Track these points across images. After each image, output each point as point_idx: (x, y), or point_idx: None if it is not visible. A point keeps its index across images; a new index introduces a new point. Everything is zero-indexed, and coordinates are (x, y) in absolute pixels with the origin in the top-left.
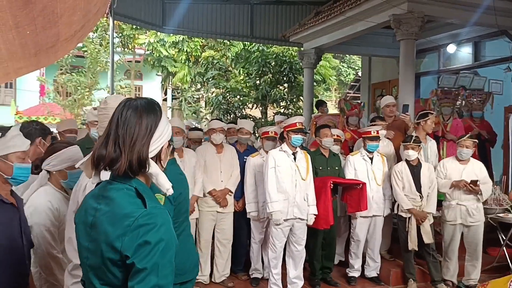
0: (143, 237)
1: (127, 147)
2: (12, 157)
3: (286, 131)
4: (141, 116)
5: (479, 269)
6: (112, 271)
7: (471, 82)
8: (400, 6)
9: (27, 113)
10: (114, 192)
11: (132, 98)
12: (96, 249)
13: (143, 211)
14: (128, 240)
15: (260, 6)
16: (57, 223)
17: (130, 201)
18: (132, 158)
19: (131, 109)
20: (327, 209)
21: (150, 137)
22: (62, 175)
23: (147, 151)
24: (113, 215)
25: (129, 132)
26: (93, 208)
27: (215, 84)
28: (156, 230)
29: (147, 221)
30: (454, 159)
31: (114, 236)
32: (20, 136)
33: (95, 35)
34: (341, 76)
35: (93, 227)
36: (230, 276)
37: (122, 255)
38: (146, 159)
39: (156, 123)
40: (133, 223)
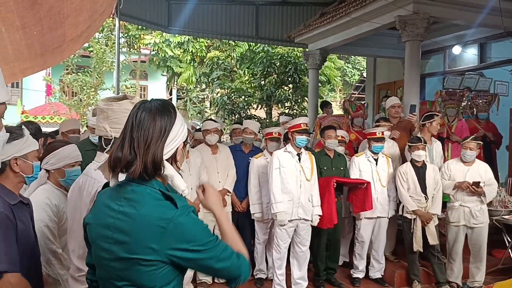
0: (184, 236)
1: (142, 150)
2: (30, 156)
3: (290, 132)
4: (155, 118)
5: (483, 271)
6: (141, 270)
7: (476, 84)
8: (406, 7)
9: (33, 113)
10: (137, 194)
11: (146, 100)
12: (123, 251)
13: (177, 212)
14: (167, 241)
15: (265, 7)
16: (56, 219)
17: (160, 203)
18: (147, 161)
19: (146, 111)
20: (330, 208)
21: (164, 139)
22: (60, 173)
23: (161, 153)
24: (144, 218)
25: (144, 135)
26: (113, 209)
27: (220, 85)
28: (191, 226)
29: (182, 220)
30: (458, 160)
31: (150, 238)
32: (31, 136)
33: (101, 35)
34: (346, 77)
35: (117, 230)
36: None
37: (162, 254)
38: (161, 161)
39: (170, 125)
40: (168, 224)
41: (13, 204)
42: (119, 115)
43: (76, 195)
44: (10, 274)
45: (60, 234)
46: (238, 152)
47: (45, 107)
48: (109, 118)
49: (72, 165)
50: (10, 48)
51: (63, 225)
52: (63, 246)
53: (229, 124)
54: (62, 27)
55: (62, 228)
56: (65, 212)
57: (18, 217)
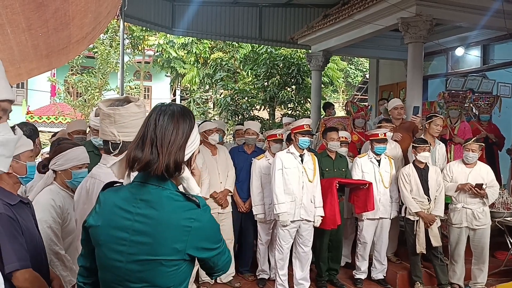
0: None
1: (165, 150)
2: (23, 156)
3: (293, 133)
4: (178, 121)
5: (485, 273)
6: (162, 270)
7: (479, 85)
8: (409, 9)
9: (38, 113)
10: (155, 195)
11: (166, 104)
12: (142, 252)
13: (200, 211)
14: (191, 240)
15: (268, 8)
16: (60, 220)
17: (180, 204)
18: (169, 161)
19: (168, 115)
20: (333, 209)
21: (185, 142)
22: (67, 174)
23: (183, 155)
24: (167, 219)
25: (167, 136)
26: (128, 211)
27: (223, 86)
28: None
29: (204, 219)
30: (460, 162)
31: (174, 238)
32: (24, 136)
33: (105, 37)
34: (348, 78)
35: (138, 232)
36: (236, 276)
37: (185, 253)
38: (182, 162)
39: (190, 129)
40: (193, 223)
41: (13, 204)
42: (126, 119)
43: (84, 197)
44: (24, 270)
45: (64, 235)
46: (241, 153)
47: (50, 108)
48: (117, 122)
49: (80, 167)
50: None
51: (67, 226)
52: (66, 247)
53: (232, 125)
54: (67, 29)
55: (66, 229)
56: (70, 213)
57: (20, 217)
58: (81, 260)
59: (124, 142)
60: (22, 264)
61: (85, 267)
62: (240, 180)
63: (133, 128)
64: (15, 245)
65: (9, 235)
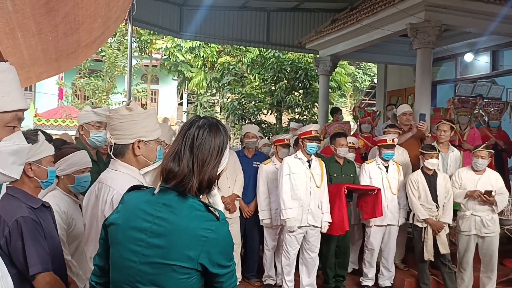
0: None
1: (200, 167)
2: (44, 161)
3: (301, 139)
4: (215, 138)
5: (494, 281)
6: (173, 276)
7: (488, 91)
8: (417, 15)
9: (46, 116)
10: (178, 202)
11: (200, 117)
12: (156, 255)
13: (218, 224)
14: (206, 250)
15: (276, 13)
16: (65, 226)
17: (201, 214)
18: (203, 178)
19: (206, 130)
20: (341, 215)
21: (220, 159)
22: (70, 179)
23: (217, 172)
24: (185, 225)
25: (204, 153)
26: (149, 214)
27: (230, 90)
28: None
29: (222, 232)
30: (469, 169)
31: (189, 245)
32: (46, 141)
33: (113, 40)
34: (356, 83)
35: (155, 234)
36: (242, 282)
37: (198, 263)
38: (216, 180)
39: (224, 145)
40: (210, 234)
41: (36, 208)
42: (115, 121)
43: (93, 202)
44: (45, 274)
45: (69, 241)
46: (242, 157)
47: (57, 111)
48: (109, 125)
49: (82, 171)
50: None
51: (72, 231)
52: (72, 252)
53: (239, 129)
54: (77, 33)
55: (71, 234)
56: (74, 218)
57: (43, 220)
58: (96, 259)
59: (115, 144)
60: (44, 267)
61: (99, 267)
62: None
63: (122, 131)
64: (38, 248)
65: (33, 238)
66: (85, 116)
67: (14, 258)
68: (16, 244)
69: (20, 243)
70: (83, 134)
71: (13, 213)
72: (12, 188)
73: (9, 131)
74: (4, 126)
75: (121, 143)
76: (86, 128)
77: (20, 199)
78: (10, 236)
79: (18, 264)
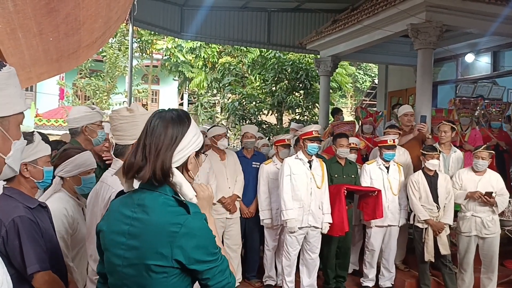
0: (193, 242)
1: (152, 156)
2: (40, 161)
3: (302, 139)
4: (168, 126)
5: (495, 282)
6: (152, 277)
7: (489, 92)
8: (418, 16)
9: (47, 116)
10: (151, 200)
11: (164, 109)
12: (135, 257)
13: (188, 217)
14: (178, 246)
15: (277, 13)
16: (70, 230)
17: (172, 209)
18: (156, 167)
19: (160, 119)
20: (341, 216)
21: (174, 147)
22: (76, 180)
23: (170, 161)
24: (156, 223)
25: (155, 142)
26: (127, 216)
27: (231, 90)
28: (201, 234)
29: (193, 226)
30: (470, 170)
31: (161, 243)
32: (42, 141)
33: (114, 40)
34: (357, 83)
35: (131, 236)
36: (243, 282)
37: (172, 260)
38: (169, 168)
39: (182, 134)
40: (180, 229)
41: (33, 207)
42: (116, 122)
43: (93, 201)
44: (43, 273)
45: (73, 245)
46: (241, 158)
47: (58, 111)
48: (111, 125)
49: (88, 172)
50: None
51: (77, 235)
52: (73, 256)
53: (239, 130)
54: (78, 34)
55: (76, 239)
56: (79, 223)
57: (40, 220)
58: (98, 267)
59: (117, 144)
60: (42, 266)
61: (101, 274)
62: None
63: (122, 132)
64: (36, 247)
65: (30, 237)
66: (89, 116)
67: (11, 258)
68: (14, 244)
69: (18, 243)
70: (88, 135)
71: (10, 213)
72: (9, 189)
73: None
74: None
75: (122, 144)
76: (92, 128)
77: (17, 199)
78: (7, 236)
79: (16, 264)
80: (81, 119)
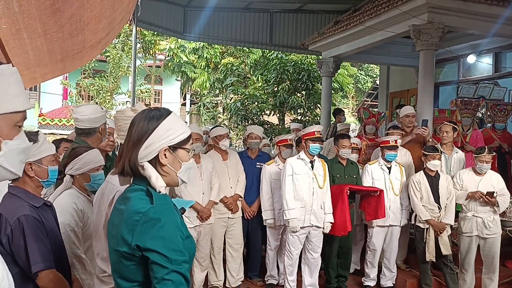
0: (150, 231)
1: (125, 151)
2: (45, 160)
3: (304, 140)
4: (139, 123)
5: (496, 282)
6: (124, 263)
7: (491, 93)
8: (420, 17)
9: (50, 116)
10: (130, 193)
11: (149, 108)
12: (114, 244)
13: (150, 207)
14: (137, 234)
15: (279, 14)
16: (81, 224)
17: (141, 199)
18: (125, 162)
19: (136, 118)
20: (344, 215)
21: (142, 143)
22: (85, 177)
23: (135, 155)
24: (126, 212)
25: (128, 138)
26: (118, 209)
27: (233, 91)
28: (161, 225)
29: (153, 215)
30: (471, 170)
31: (126, 230)
32: (47, 141)
33: (117, 41)
34: (358, 84)
35: (114, 226)
36: (245, 281)
37: (132, 247)
38: (135, 163)
39: (151, 129)
40: (141, 218)
41: (38, 206)
42: (121, 123)
43: (99, 199)
44: (48, 271)
45: (84, 238)
46: (245, 158)
47: (62, 110)
48: (116, 126)
49: (97, 169)
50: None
51: (87, 230)
52: (85, 250)
53: (242, 130)
54: (82, 34)
55: (86, 233)
56: (89, 217)
57: (45, 219)
58: None
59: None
60: (47, 265)
61: None
62: (246, 185)
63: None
64: (40, 246)
65: (35, 236)
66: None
67: (16, 256)
68: (19, 243)
69: (22, 242)
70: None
71: (15, 211)
72: (14, 187)
73: (17, 131)
74: (14, 126)
75: None
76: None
77: (22, 198)
78: (13, 235)
79: (20, 263)
80: (100, 118)
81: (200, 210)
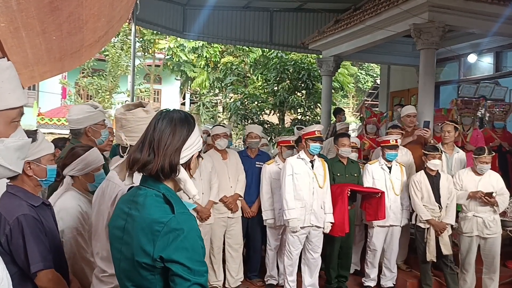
0: (174, 243)
1: (161, 152)
2: (44, 159)
3: (304, 139)
4: (176, 126)
5: (497, 282)
6: (141, 273)
7: (491, 92)
8: (421, 16)
9: (49, 115)
10: (143, 198)
11: (169, 109)
12: (128, 252)
13: (172, 217)
14: (159, 245)
15: (279, 13)
16: (86, 226)
17: (159, 207)
18: (164, 162)
19: (167, 119)
20: (342, 216)
21: (181, 145)
22: (89, 178)
23: (178, 157)
24: (143, 220)
25: (164, 139)
26: (124, 212)
27: (233, 90)
28: (185, 236)
29: (176, 226)
30: (470, 170)
31: (145, 240)
32: (46, 140)
33: (116, 40)
34: (359, 83)
35: (126, 232)
36: (245, 282)
37: (154, 258)
38: (177, 164)
39: (188, 134)
40: (163, 228)
41: (36, 206)
42: (132, 124)
43: (100, 198)
44: (47, 271)
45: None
46: (244, 157)
47: (60, 110)
48: (124, 127)
49: (98, 169)
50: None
51: (90, 231)
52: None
53: (241, 129)
54: (80, 33)
55: (89, 234)
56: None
57: (43, 218)
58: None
59: (132, 146)
60: (46, 265)
61: None
62: (246, 185)
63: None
64: (39, 245)
65: (34, 235)
66: (92, 117)
67: (15, 256)
68: (18, 242)
69: (21, 241)
70: (91, 135)
71: (14, 211)
72: (13, 187)
73: (14, 127)
74: (10, 122)
75: None
76: (95, 128)
77: (20, 197)
78: (11, 234)
79: (19, 262)
80: (84, 120)
81: (200, 211)
